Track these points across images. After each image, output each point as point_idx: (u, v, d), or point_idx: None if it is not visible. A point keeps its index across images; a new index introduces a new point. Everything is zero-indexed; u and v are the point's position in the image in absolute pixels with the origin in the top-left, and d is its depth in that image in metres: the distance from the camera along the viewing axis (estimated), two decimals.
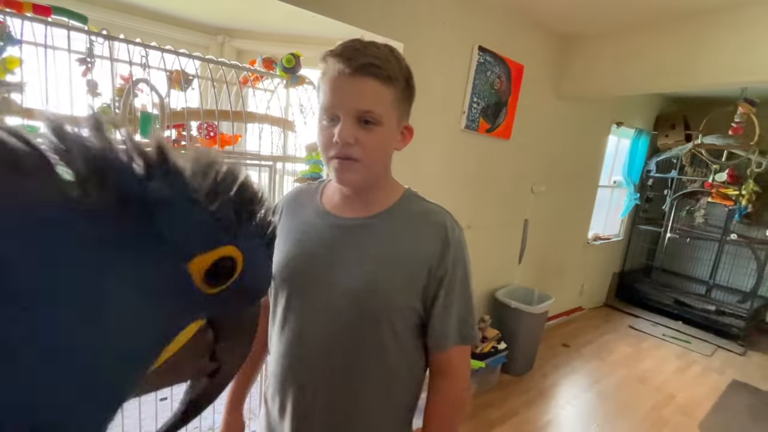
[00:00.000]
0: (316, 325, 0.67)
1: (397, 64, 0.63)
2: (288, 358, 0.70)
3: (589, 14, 2.27)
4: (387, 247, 0.67)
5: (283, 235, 0.74)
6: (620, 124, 3.59)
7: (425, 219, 0.70)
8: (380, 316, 0.66)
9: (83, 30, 1.08)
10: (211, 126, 1.60)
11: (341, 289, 0.66)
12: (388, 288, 0.66)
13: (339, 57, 0.60)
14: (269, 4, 1.54)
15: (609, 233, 4.21)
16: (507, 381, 2.61)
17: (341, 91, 0.61)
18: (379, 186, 0.71)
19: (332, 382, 0.67)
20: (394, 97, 0.63)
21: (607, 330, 3.65)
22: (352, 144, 0.61)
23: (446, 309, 0.68)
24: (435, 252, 0.67)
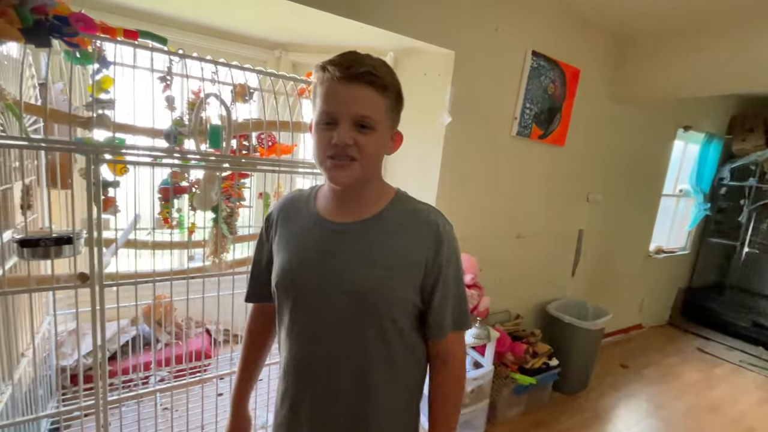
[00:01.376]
0: (321, 325, 0.71)
1: (390, 76, 0.68)
2: (298, 357, 0.74)
3: (649, 12, 2.13)
4: (383, 248, 0.70)
5: (281, 243, 0.77)
6: (688, 128, 3.31)
7: (417, 218, 0.73)
8: (381, 312, 0.70)
9: (164, 51, 1.18)
10: (270, 136, 1.69)
11: (343, 290, 0.69)
12: (386, 286, 0.69)
13: (338, 66, 0.64)
14: (322, 17, 1.60)
15: (674, 246, 3.88)
16: (559, 399, 2.47)
17: (340, 96, 0.65)
18: (370, 189, 0.74)
19: (344, 373, 0.72)
20: (387, 105, 0.68)
21: (672, 351, 3.35)
22: (350, 145, 0.66)
23: (443, 301, 0.73)
24: (429, 249, 0.71)
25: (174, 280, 1.25)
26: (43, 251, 1.00)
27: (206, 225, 1.36)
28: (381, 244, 0.71)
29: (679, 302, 3.97)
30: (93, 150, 1.01)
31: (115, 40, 1.10)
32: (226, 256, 1.36)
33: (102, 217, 1.06)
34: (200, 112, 1.30)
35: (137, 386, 1.75)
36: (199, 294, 1.35)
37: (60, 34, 0.98)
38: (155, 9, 1.83)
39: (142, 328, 1.99)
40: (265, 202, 1.76)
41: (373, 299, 0.69)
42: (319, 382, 0.73)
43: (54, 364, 1.66)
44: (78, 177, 1.61)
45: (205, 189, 1.24)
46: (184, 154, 1.22)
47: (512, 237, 2.43)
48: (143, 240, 1.36)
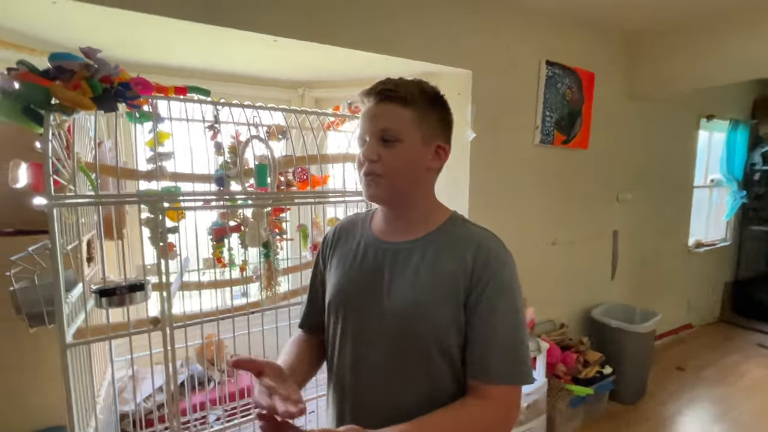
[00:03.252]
0: (369, 348, 0.69)
1: (417, 88, 0.69)
2: (345, 380, 0.72)
3: (656, 8, 2.16)
4: (429, 269, 0.68)
5: (336, 263, 0.78)
6: (711, 117, 3.26)
7: (468, 241, 0.70)
8: (428, 337, 0.66)
9: (209, 101, 1.28)
10: (304, 170, 1.76)
11: (390, 313, 0.68)
12: (431, 309, 0.66)
13: (366, 93, 0.70)
14: (343, 53, 1.70)
15: (713, 238, 3.75)
16: (617, 410, 2.37)
17: (367, 118, 0.69)
18: (419, 209, 0.73)
19: (386, 403, 0.68)
20: (414, 116, 0.68)
21: (730, 349, 3.17)
22: (375, 161, 0.67)
23: (489, 337, 0.65)
24: (474, 272, 0.66)
25: (236, 317, 1.29)
26: (119, 299, 1.06)
27: (258, 260, 1.41)
28: (427, 266, 0.68)
29: (727, 297, 3.80)
30: (157, 199, 1.09)
31: (169, 97, 1.19)
32: (278, 288, 1.40)
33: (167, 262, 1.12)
34: (244, 154, 1.38)
35: (195, 427, 1.77)
36: (244, 330, 1.39)
37: (124, 99, 1.07)
38: (188, 64, 1.97)
39: (194, 369, 2.03)
40: (302, 234, 1.82)
41: (417, 322, 0.66)
42: (360, 414, 0.70)
43: (117, 409, 1.70)
44: (131, 226, 1.71)
45: (256, 226, 1.30)
46: (234, 194, 1.29)
47: (547, 244, 2.41)
48: (201, 281, 1.42)
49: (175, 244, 1.24)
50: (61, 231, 1.07)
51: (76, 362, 1.10)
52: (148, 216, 1.16)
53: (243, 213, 1.38)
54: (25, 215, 1.40)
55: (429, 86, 0.72)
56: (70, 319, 1.07)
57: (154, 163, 1.18)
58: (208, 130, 1.29)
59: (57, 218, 0.98)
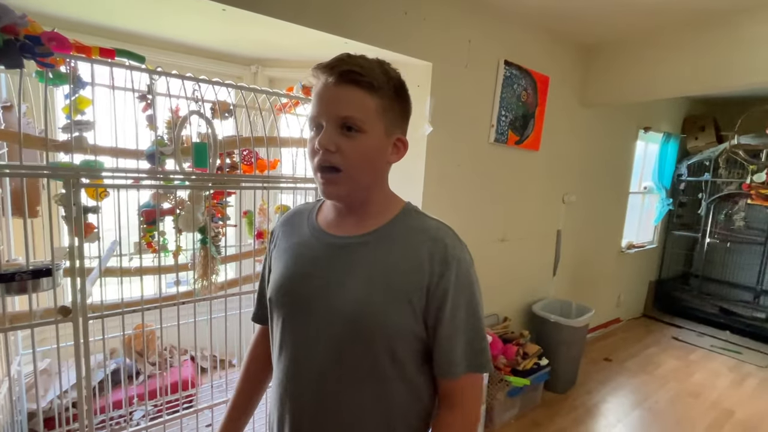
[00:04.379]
0: (310, 348, 0.64)
1: (383, 75, 0.62)
2: (284, 382, 0.68)
3: (609, 23, 2.27)
4: (381, 266, 0.63)
5: (278, 255, 0.73)
6: (647, 128, 3.52)
7: (423, 235, 0.65)
8: (376, 340, 0.62)
9: (143, 69, 1.14)
10: (251, 153, 1.65)
11: (335, 311, 0.63)
12: (382, 310, 0.61)
13: (324, 68, 0.61)
14: (301, 32, 1.60)
15: (643, 241, 4.08)
16: (551, 398, 2.51)
17: (325, 99, 0.61)
18: (373, 201, 0.68)
19: (326, 407, 0.64)
20: (379, 105, 0.61)
21: (650, 342, 3.49)
22: (333, 151, 0.60)
23: (452, 334, 0.63)
24: (433, 271, 0.62)
25: (163, 307, 1.18)
26: (19, 286, 0.92)
27: (193, 247, 1.30)
28: (379, 262, 0.63)
29: (651, 294, 4.16)
30: (72, 174, 0.96)
31: (91, 59, 1.05)
32: (215, 277, 1.31)
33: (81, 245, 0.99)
34: (182, 131, 1.26)
35: (119, 424, 1.63)
36: (182, 321, 1.29)
37: (32, 54, 0.92)
38: (127, 28, 1.77)
39: (119, 361, 1.87)
40: (248, 221, 1.72)
41: (366, 324, 0.61)
42: (299, 420, 0.66)
43: (24, 407, 1.52)
44: (48, 204, 1.51)
45: (191, 210, 1.19)
46: (168, 174, 1.17)
47: (496, 241, 2.48)
48: (125, 267, 1.29)
49: (95, 226, 1.11)
50: None
51: None
52: (61, 192, 1.02)
53: (178, 195, 1.26)
54: None
55: (394, 71, 0.65)
56: None
57: (69, 132, 1.03)
58: (139, 101, 1.16)
59: None
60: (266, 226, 1.68)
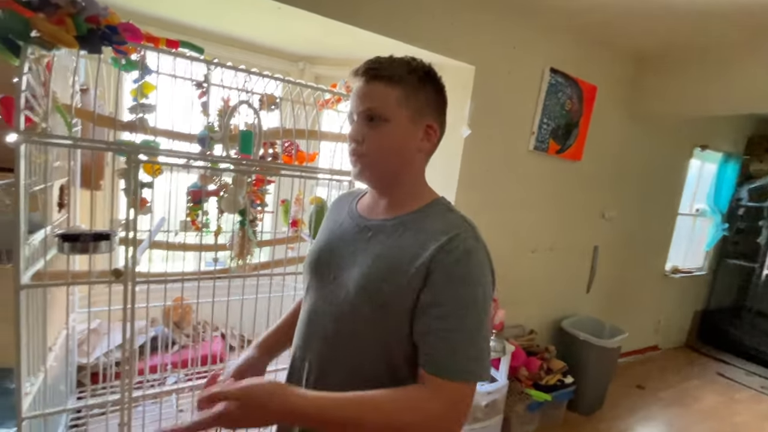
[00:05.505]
0: (322, 313, 0.71)
1: (404, 66, 0.68)
2: (301, 336, 0.75)
3: (667, 32, 2.16)
4: (391, 248, 0.66)
5: (320, 232, 0.83)
6: (705, 147, 3.30)
7: (440, 225, 0.66)
8: (372, 312, 0.64)
9: (201, 60, 1.24)
10: (292, 144, 1.73)
11: (344, 285, 0.68)
12: (382, 286, 0.64)
13: (355, 72, 0.69)
14: (348, 32, 1.66)
15: (690, 266, 3.82)
16: (574, 419, 2.42)
17: (355, 98, 0.69)
18: (402, 188, 0.71)
19: (330, 354, 0.70)
20: (401, 94, 0.66)
21: (690, 375, 3.26)
22: (360, 141, 0.67)
23: (440, 330, 0.60)
24: (438, 257, 0.61)
25: (202, 279, 1.27)
26: (82, 246, 1.03)
27: (233, 228, 1.39)
28: (391, 244, 0.67)
29: (696, 324, 3.88)
30: (133, 150, 1.06)
31: (158, 48, 1.15)
32: (251, 258, 1.39)
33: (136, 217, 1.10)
34: (230, 119, 1.35)
35: (153, 386, 1.76)
36: (216, 298, 1.38)
37: (110, 42, 1.03)
38: (190, 22, 1.91)
39: (158, 330, 2.02)
40: (284, 209, 1.80)
41: (368, 296, 0.64)
42: (307, 371, 0.72)
43: (75, 360, 1.68)
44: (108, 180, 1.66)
45: (234, 192, 1.27)
46: (215, 158, 1.26)
47: (527, 251, 2.42)
48: (171, 242, 1.40)
49: (149, 200, 1.22)
50: (30, 171, 1.04)
51: (32, 306, 1.08)
52: (123, 167, 1.13)
53: (223, 178, 1.35)
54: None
55: (418, 63, 0.70)
56: (29, 262, 1.05)
57: (135, 113, 1.14)
58: (196, 88, 1.26)
59: (25, 156, 0.95)
60: (301, 215, 1.75)
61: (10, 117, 0.95)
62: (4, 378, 1.42)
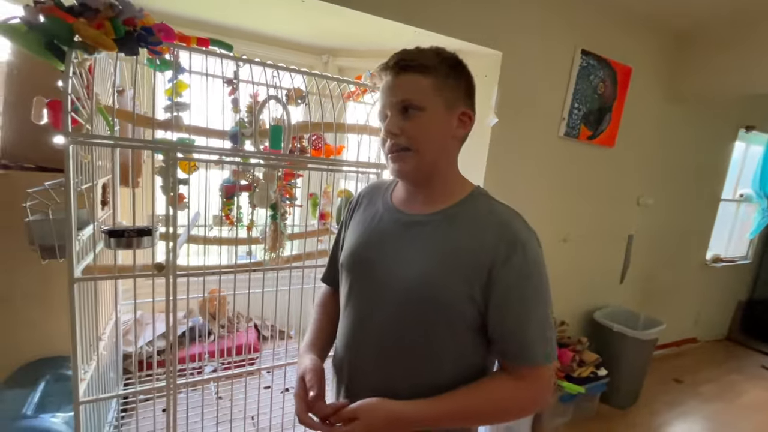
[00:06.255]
0: (371, 312, 0.69)
1: (434, 55, 0.66)
2: (347, 339, 0.74)
3: (707, 5, 2.02)
4: (446, 244, 0.65)
5: (354, 226, 0.80)
6: (750, 128, 3.10)
7: (490, 218, 0.66)
8: (435, 314, 0.64)
9: (231, 56, 1.26)
10: (320, 138, 1.75)
11: (396, 281, 0.67)
12: (443, 286, 0.63)
13: (382, 67, 0.68)
14: (371, 22, 1.65)
15: (733, 255, 3.62)
16: (608, 412, 2.36)
17: (386, 93, 0.67)
18: (442, 180, 0.70)
19: (381, 365, 0.69)
20: (433, 83, 0.65)
21: (732, 368, 3.11)
22: (398, 134, 0.66)
23: (524, 321, 0.63)
24: (498, 253, 0.62)
25: (238, 272, 1.32)
26: (127, 241, 1.09)
27: (265, 222, 1.42)
28: (444, 240, 0.66)
29: (738, 316, 3.70)
30: (171, 148, 1.10)
31: (190, 47, 1.18)
32: (282, 251, 1.42)
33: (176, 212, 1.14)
34: (260, 114, 1.37)
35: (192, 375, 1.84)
36: (245, 289, 1.42)
37: (146, 43, 1.07)
38: (216, 20, 1.95)
39: (196, 321, 2.10)
40: (312, 203, 1.82)
41: (424, 295, 0.64)
42: (353, 383, 0.72)
43: (120, 349, 1.78)
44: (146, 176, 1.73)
45: (266, 187, 1.30)
46: (247, 153, 1.29)
47: (558, 240, 2.36)
48: (207, 236, 1.45)
49: (186, 196, 1.26)
50: (77, 170, 1.09)
51: (83, 298, 1.14)
52: (161, 165, 1.18)
53: (254, 173, 1.38)
54: (46, 152, 1.44)
55: (448, 52, 0.69)
56: (80, 256, 1.11)
57: (170, 112, 1.18)
58: (226, 85, 1.28)
59: (73, 156, 1.00)
60: (329, 208, 1.77)
61: (58, 119, 1.00)
62: (61, 366, 1.52)
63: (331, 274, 0.88)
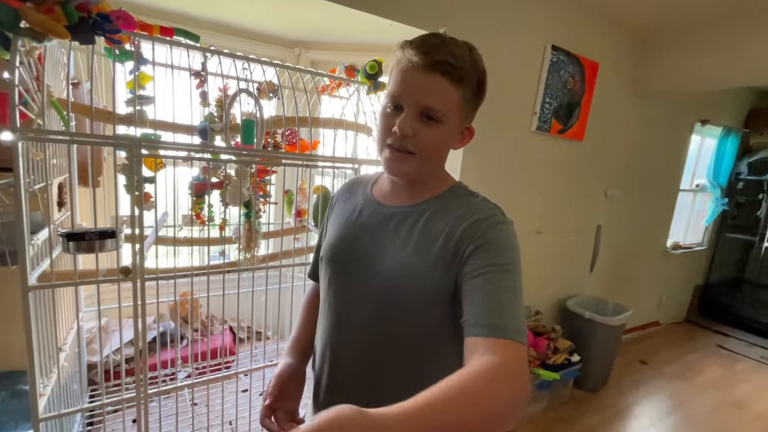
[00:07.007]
0: (352, 306, 0.68)
1: (472, 66, 0.62)
2: (329, 336, 0.72)
3: (667, 5, 2.11)
4: (422, 234, 0.65)
5: (333, 220, 0.78)
6: (705, 122, 3.28)
7: (468, 208, 0.65)
8: (412, 302, 0.63)
9: (198, 47, 1.20)
10: (294, 132, 1.70)
11: (375, 273, 0.66)
12: (419, 273, 0.62)
13: (417, 49, 0.60)
14: (345, 14, 1.61)
15: (691, 242, 3.85)
16: (580, 396, 2.46)
17: (411, 82, 0.61)
18: (429, 179, 0.70)
19: (362, 360, 0.68)
20: (462, 98, 0.62)
21: (692, 348, 3.32)
22: (409, 136, 0.62)
23: (496, 293, 0.57)
24: (474, 236, 0.61)
25: (211, 274, 1.26)
26: (87, 245, 1.01)
27: (239, 220, 1.37)
28: (421, 230, 0.65)
29: (696, 298, 3.94)
30: (135, 144, 1.03)
31: (152, 36, 1.11)
32: (258, 250, 1.37)
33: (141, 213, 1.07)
34: (231, 108, 1.31)
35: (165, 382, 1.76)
36: (221, 292, 1.36)
37: (103, 31, 0.99)
38: (183, 9, 1.85)
39: (167, 325, 2.01)
40: (288, 200, 1.77)
41: (404, 287, 0.63)
42: (333, 373, 0.71)
43: (84, 359, 1.68)
44: (108, 175, 1.63)
45: (238, 184, 1.25)
46: (218, 149, 1.23)
47: (532, 232, 2.42)
48: (177, 237, 1.38)
49: (152, 195, 1.19)
50: (28, 169, 1.00)
51: (40, 306, 1.06)
52: (124, 162, 1.10)
53: (226, 170, 1.32)
54: None
55: (480, 61, 0.64)
56: (35, 262, 1.02)
57: (133, 106, 1.11)
58: (193, 78, 1.22)
59: (23, 153, 0.92)
60: (305, 205, 1.73)
61: (5, 114, 0.92)
62: (18, 380, 1.41)
63: (316, 270, 0.86)
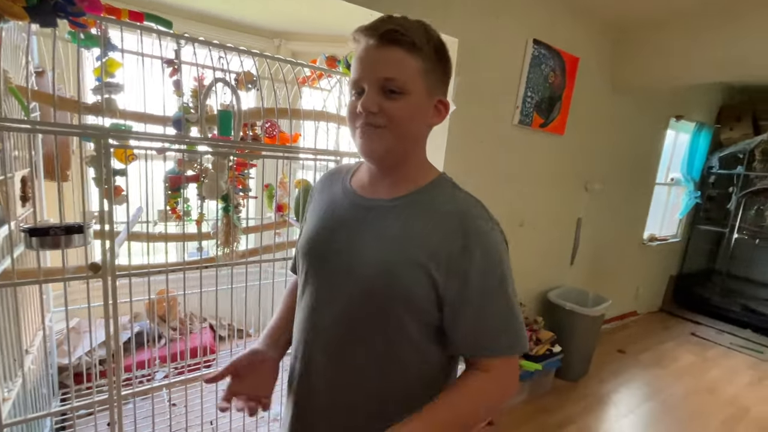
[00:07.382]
0: (327, 302, 0.66)
1: (424, 34, 0.60)
2: (302, 330, 0.70)
3: (645, 1, 2.15)
4: (403, 230, 0.62)
5: (311, 212, 0.76)
6: (680, 117, 3.37)
7: (450, 206, 0.64)
8: (388, 300, 0.61)
9: (171, 34, 1.14)
10: (273, 125, 1.65)
11: (353, 268, 0.63)
12: (397, 272, 0.60)
13: (366, 30, 0.60)
14: (327, 5, 1.58)
15: (666, 234, 3.97)
16: (562, 386, 2.51)
17: (366, 62, 0.60)
18: (408, 165, 0.67)
19: (334, 356, 0.66)
20: (421, 66, 0.60)
21: (667, 337, 3.43)
22: (375, 112, 0.60)
23: (484, 314, 0.62)
24: (455, 242, 0.60)
25: (187, 270, 1.21)
26: (53, 241, 0.96)
27: (216, 215, 1.32)
28: (402, 226, 0.62)
29: (670, 289, 4.07)
30: (103, 134, 0.97)
31: (120, 21, 1.05)
32: (237, 245, 1.33)
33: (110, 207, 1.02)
34: (207, 98, 1.26)
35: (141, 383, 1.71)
36: (197, 288, 1.32)
37: (65, 14, 0.93)
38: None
39: (144, 325, 1.95)
40: (268, 194, 1.73)
41: (381, 285, 0.61)
42: (311, 368, 0.69)
43: (55, 362, 1.60)
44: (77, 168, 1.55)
45: (215, 177, 1.20)
46: (194, 141, 1.18)
47: (515, 225, 2.44)
48: (151, 232, 1.32)
49: (123, 189, 1.14)
50: None
51: (2, 307, 1.00)
52: (92, 154, 1.05)
53: (202, 162, 1.27)
54: None
55: (434, 31, 0.63)
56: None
57: (100, 94, 1.05)
58: (166, 66, 1.16)
59: None
60: (286, 199, 1.69)
61: None
62: None
63: (295, 264, 0.83)
